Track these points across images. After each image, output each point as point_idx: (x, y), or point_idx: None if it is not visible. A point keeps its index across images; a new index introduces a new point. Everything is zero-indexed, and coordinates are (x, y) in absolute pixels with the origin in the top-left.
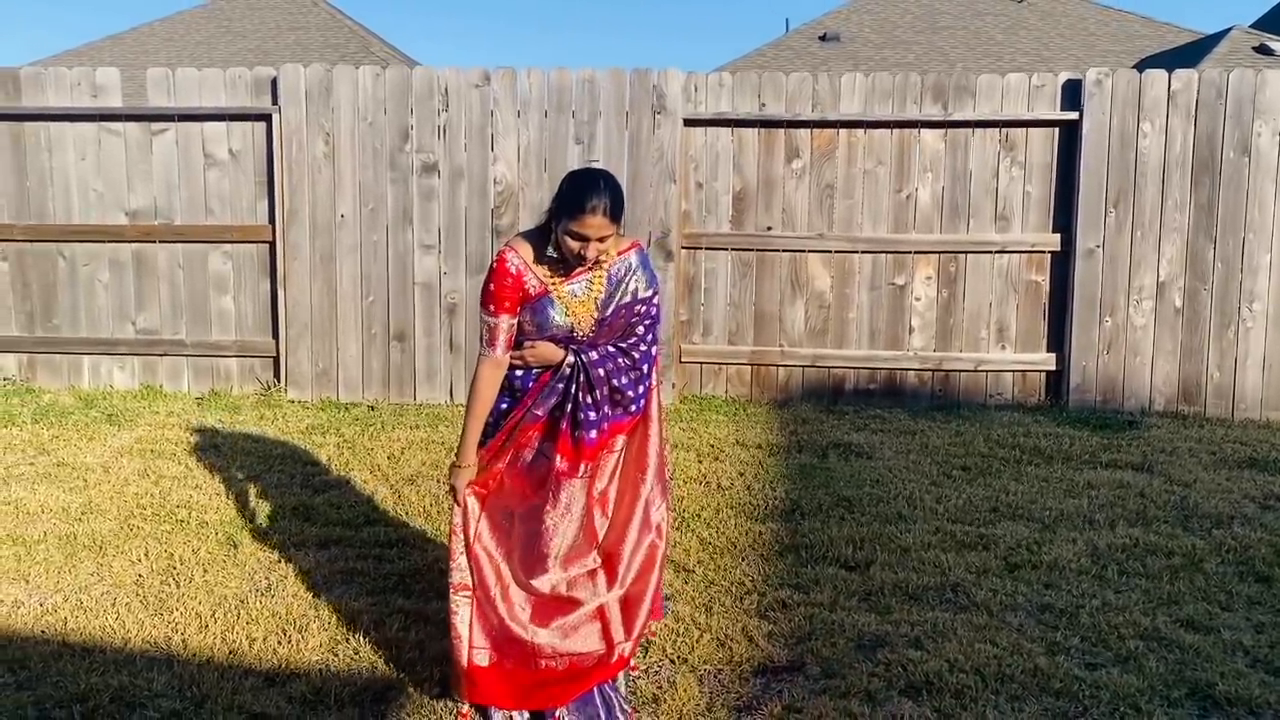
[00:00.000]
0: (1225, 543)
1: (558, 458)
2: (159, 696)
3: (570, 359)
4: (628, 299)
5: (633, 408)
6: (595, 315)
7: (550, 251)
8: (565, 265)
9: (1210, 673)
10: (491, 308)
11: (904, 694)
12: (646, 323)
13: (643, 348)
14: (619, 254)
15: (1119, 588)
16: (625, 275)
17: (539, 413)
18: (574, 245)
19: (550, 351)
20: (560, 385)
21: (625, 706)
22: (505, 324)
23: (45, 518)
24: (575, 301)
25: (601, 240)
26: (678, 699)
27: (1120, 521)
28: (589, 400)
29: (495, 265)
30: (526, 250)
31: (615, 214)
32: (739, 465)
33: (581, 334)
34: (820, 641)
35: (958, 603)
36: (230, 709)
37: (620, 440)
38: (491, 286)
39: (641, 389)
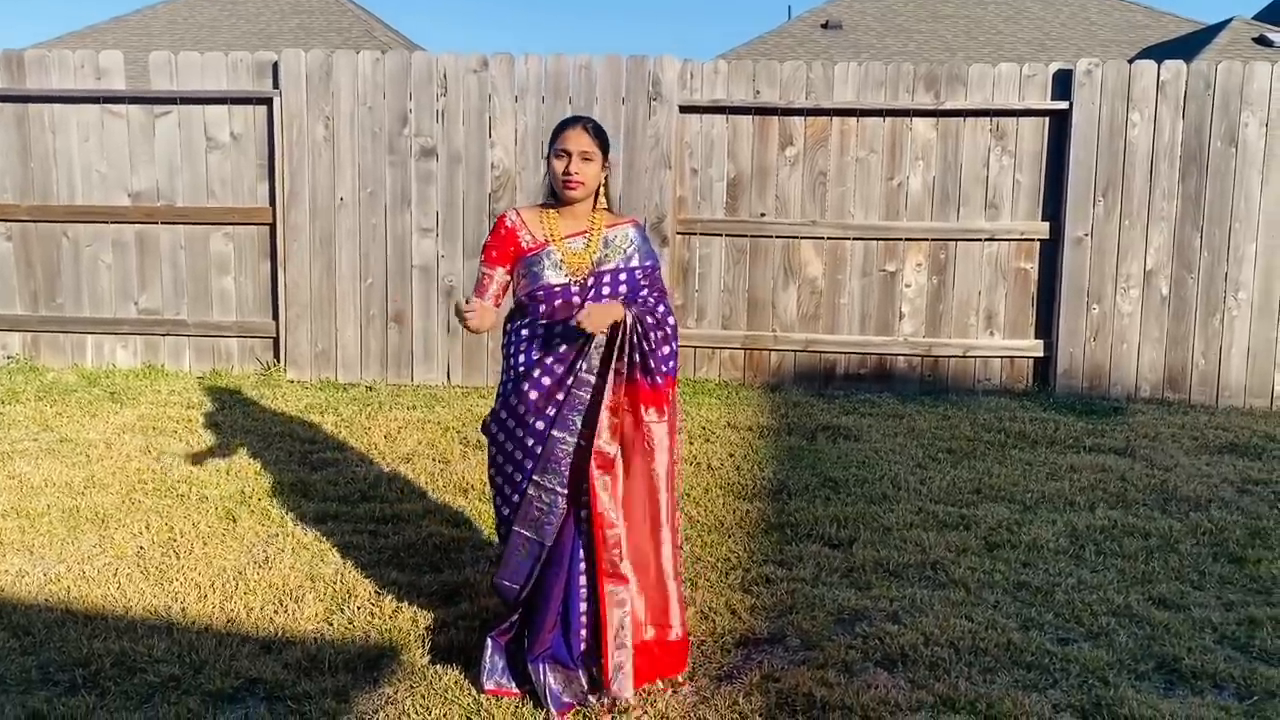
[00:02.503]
0: (1201, 525)
1: (642, 409)
2: (159, 662)
3: (629, 314)
4: (625, 264)
5: (664, 367)
6: (590, 268)
7: (545, 198)
8: (560, 204)
9: (1178, 648)
10: (485, 259)
11: (880, 665)
12: (656, 293)
13: (660, 310)
14: (614, 225)
15: (1095, 567)
16: (622, 243)
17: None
18: (558, 166)
19: (610, 311)
20: (628, 340)
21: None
22: (496, 276)
23: (49, 491)
24: (573, 254)
25: (585, 158)
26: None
27: (1100, 504)
28: (649, 346)
29: (495, 222)
30: (527, 211)
31: (597, 134)
32: (729, 446)
33: (576, 287)
34: (801, 615)
35: (937, 580)
36: (227, 674)
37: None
38: (488, 239)
39: (669, 350)
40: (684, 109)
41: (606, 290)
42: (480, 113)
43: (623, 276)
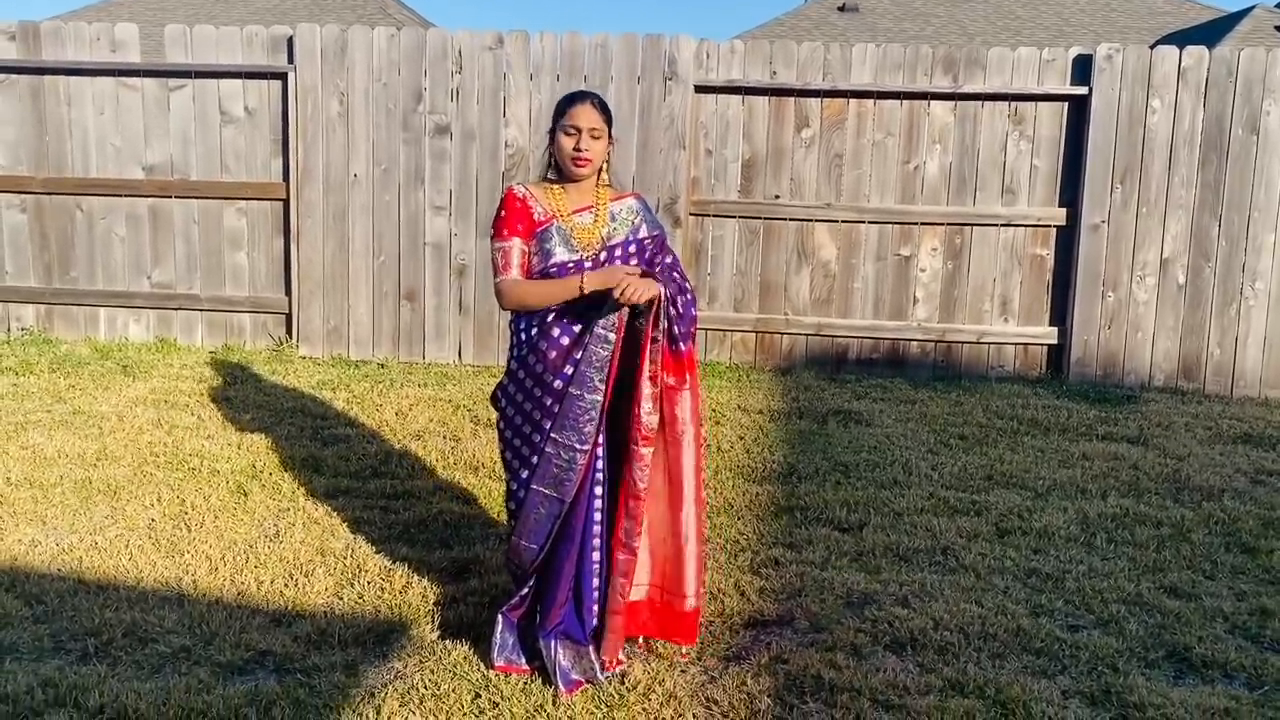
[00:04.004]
0: (1214, 514)
1: (664, 375)
2: (170, 633)
3: (664, 289)
4: (634, 236)
5: (688, 334)
6: (601, 243)
7: (550, 174)
8: (565, 181)
9: (1189, 637)
10: (505, 232)
11: (889, 649)
12: (669, 259)
13: (675, 275)
14: (618, 198)
15: (1106, 555)
16: (627, 215)
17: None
18: (567, 143)
19: (651, 286)
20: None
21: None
22: (518, 246)
23: (61, 463)
24: (581, 229)
25: (594, 135)
26: (670, 647)
27: (1112, 492)
28: (676, 312)
29: (503, 198)
30: (533, 186)
31: (605, 110)
32: (739, 429)
33: (589, 263)
34: (810, 598)
35: (947, 565)
36: (238, 646)
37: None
38: (502, 213)
39: (692, 316)
40: (699, 89)
41: (619, 263)
42: (495, 91)
43: (633, 249)
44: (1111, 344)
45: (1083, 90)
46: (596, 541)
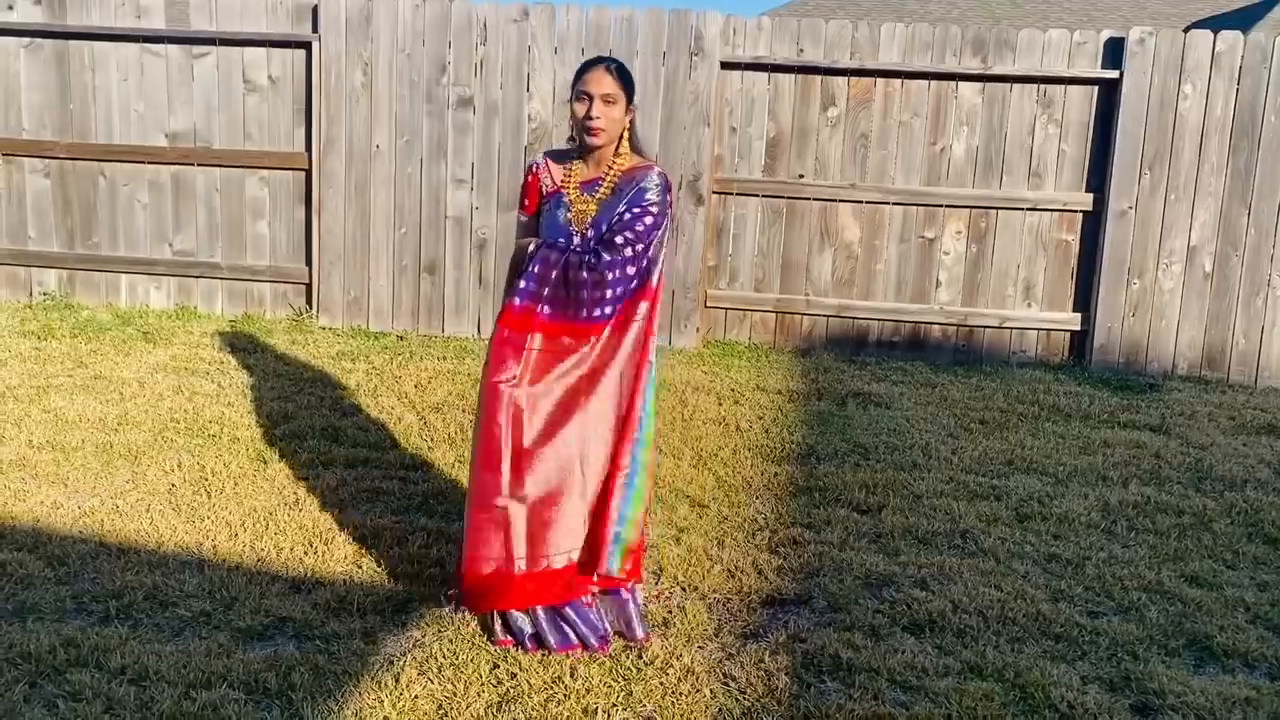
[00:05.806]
0: (1236, 504)
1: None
2: (190, 597)
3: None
4: (611, 216)
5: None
6: (593, 214)
7: (566, 144)
8: (581, 151)
9: (1210, 626)
10: (521, 205)
11: (907, 630)
12: (628, 234)
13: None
14: (633, 170)
15: (1127, 542)
16: (632, 190)
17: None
18: (579, 110)
19: None
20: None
21: (605, 627)
22: (529, 223)
23: (83, 427)
24: (580, 199)
25: (607, 101)
26: (687, 624)
27: (1133, 480)
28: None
29: (526, 167)
30: (553, 155)
31: (621, 75)
32: (758, 409)
33: (578, 239)
34: (828, 578)
35: (966, 549)
36: (257, 612)
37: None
38: (523, 185)
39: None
40: (725, 66)
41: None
42: (519, 64)
43: (602, 229)
44: (1135, 331)
45: (1114, 74)
46: None
